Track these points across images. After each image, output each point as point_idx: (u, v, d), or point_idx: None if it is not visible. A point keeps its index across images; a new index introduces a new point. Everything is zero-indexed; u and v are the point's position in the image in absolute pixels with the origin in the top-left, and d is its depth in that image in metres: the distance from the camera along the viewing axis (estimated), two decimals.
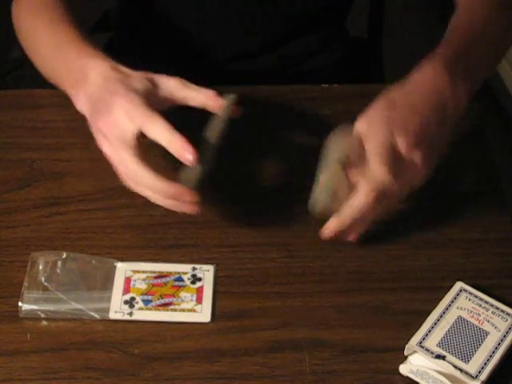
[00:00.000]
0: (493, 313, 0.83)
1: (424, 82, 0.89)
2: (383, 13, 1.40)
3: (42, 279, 0.86)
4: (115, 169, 0.87)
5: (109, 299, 0.85)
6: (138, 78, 0.88)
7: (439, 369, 0.79)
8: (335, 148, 0.85)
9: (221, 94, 0.89)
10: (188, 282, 0.87)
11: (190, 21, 1.17)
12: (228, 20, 1.17)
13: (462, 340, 0.81)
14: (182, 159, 0.83)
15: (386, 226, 0.93)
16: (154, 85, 0.88)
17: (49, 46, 0.98)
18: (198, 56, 1.21)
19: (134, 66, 0.91)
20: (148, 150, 0.85)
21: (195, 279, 0.87)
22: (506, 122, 2.06)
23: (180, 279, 0.87)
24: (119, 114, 0.84)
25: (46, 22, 0.99)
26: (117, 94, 0.86)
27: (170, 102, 0.89)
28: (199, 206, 0.85)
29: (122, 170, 0.86)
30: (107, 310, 0.85)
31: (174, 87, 0.89)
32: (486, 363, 0.80)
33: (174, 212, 0.93)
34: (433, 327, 0.82)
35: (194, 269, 0.88)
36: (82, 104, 0.90)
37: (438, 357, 0.80)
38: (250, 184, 0.97)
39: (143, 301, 0.86)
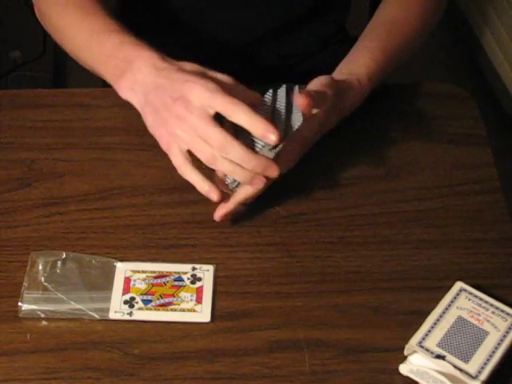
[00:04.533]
0: (493, 313, 0.83)
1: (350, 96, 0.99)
2: None
3: (42, 279, 0.86)
4: (170, 150, 0.88)
5: (109, 299, 0.85)
6: (190, 67, 0.91)
7: (439, 369, 0.79)
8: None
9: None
10: (188, 282, 0.87)
11: (190, 19, 1.17)
12: (227, 18, 1.17)
13: (462, 340, 0.81)
14: (266, 140, 0.85)
15: (385, 226, 0.93)
16: (210, 74, 0.91)
17: (85, 35, 0.99)
18: (198, 55, 1.21)
19: None
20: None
21: (195, 279, 0.87)
22: (506, 121, 2.06)
23: (180, 279, 0.87)
24: (197, 98, 0.86)
25: (80, 12, 1.01)
26: (187, 80, 0.87)
27: None
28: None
29: (196, 145, 0.86)
30: (107, 310, 0.85)
31: (228, 82, 0.91)
32: (485, 363, 0.80)
33: (174, 212, 0.93)
34: (433, 327, 0.82)
35: (193, 269, 0.88)
36: (126, 91, 0.93)
37: (438, 357, 0.80)
38: None
39: (143, 301, 0.86)
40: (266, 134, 0.84)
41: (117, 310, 0.85)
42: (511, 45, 2.08)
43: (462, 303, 0.84)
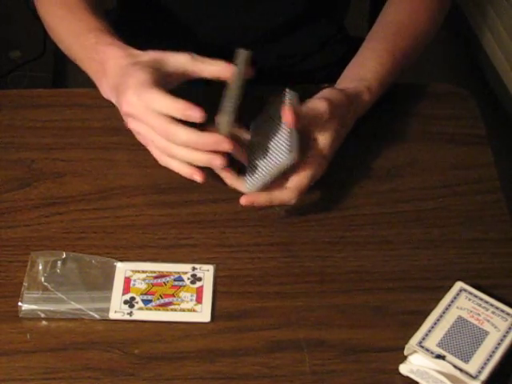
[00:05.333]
0: (493, 313, 0.83)
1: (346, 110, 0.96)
2: None
3: (42, 279, 0.86)
4: (148, 146, 0.91)
5: (109, 299, 0.85)
6: (147, 57, 0.92)
7: (439, 369, 0.79)
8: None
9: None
10: (188, 282, 0.87)
11: (189, 20, 1.17)
12: (227, 18, 1.17)
13: (462, 340, 0.81)
14: (190, 119, 0.86)
15: (385, 226, 0.93)
16: (164, 62, 0.92)
17: (71, 35, 1.02)
18: (199, 54, 1.21)
19: None
20: None
21: (195, 279, 0.87)
22: (505, 121, 2.06)
23: (180, 279, 0.87)
24: (130, 94, 0.88)
25: (70, 11, 1.03)
26: (128, 75, 0.90)
27: (181, 77, 0.93)
28: (226, 159, 0.88)
29: (154, 140, 0.89)
30: (107, 310, 0.85)
31: (186, 61, 0.92)
32: (485, 363, 0.80)
33: (174, 212, 0.93)
34: (433, 327, 0.82)
35: (193, 269, 0.88)
36: (106, 93, 0.96)
37: (438, 357, 0.80)
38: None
39: (143, 301, 0.86)
40: (187, 112, 0.86)
41: (117, 309, 0.85)
42: (511, 45, 2.08)
43: (462, 303, 0.84)
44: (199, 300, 0.86)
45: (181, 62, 0.92)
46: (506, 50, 2.10)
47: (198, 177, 0.89)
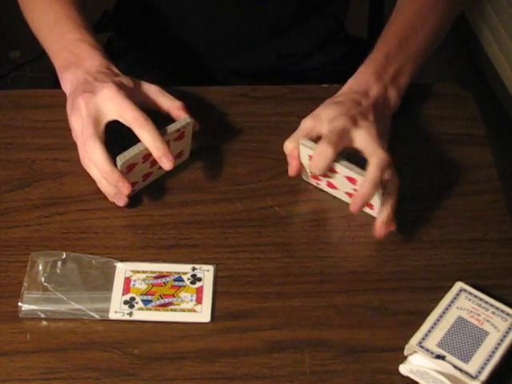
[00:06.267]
0: (493, 313, 0.83)
1: (357, 88, 0.96)
2: (383, 13, 1.40)
3: (42, 279, 0.86)
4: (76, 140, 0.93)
5: (109, 299, 0.85)
6: (125, 79, 0.95)
7: (439, 369, 0.79)
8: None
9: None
10: (188, 282, 0.87)
11: (189, 20, 1.17)
12: (226, 17, 1.17)
13: (462, 340, 0.81)
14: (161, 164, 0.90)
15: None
16: (137, 87, 0.95)
17: (49, 24, 1.03)
18: (197, 54, 1.21)
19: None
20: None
21: (195, 279, 0.87)
22: (506, 121, 2.06)
23: (180, 279, 0.87)
24: (102, 98, 0.90)
25: (51, 1, 1.04)
26: (106, 83, 0.91)
27: (146, 104, 0.95)
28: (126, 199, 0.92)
29: (81, 145, 0.92)
30: (107, 310, 0.85)
31: (153, 91, 0.96)
32: (485, 363, 0.80)
33: (174, 212, 0.93)
34: (433, 327, 0.82)
35: (193, 269, 0.88)
36: (66, 83, 0.97)
37: (438, 357, 0.80)
38: (250, 183, 0.97)
39: (143, 301, 0.86)
40: (162, 158, 0.89)
41: (117, 310, 0.85)
42: (511, 45, 2.08)
43: (462, 303, 0.84)
44: (199, 300, 0.86)
45: (150, 90, 0.96)
46: (506, 50, 2.10)
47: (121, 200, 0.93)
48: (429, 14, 1.05)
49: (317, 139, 0.91)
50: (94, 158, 0.90)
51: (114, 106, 0.90)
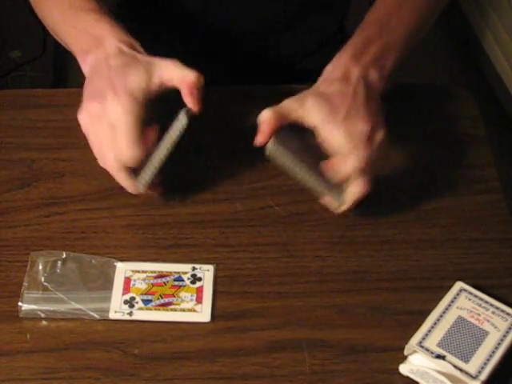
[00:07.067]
0: (493, 313, 0.83)
1: (336, 74, 0.93)
2: None
3: (42, 279, 0.86)
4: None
5: (109, 299, 0.85)
6: (141, 70, 0.89)
7: (439, 369, 0.79)
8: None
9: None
10: (188, 282, 0.87)
11: (188, 19, 1.17)
12: (226, 15, 1.17)
13: (462, 340, 0.81)
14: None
15: (385, 227, 0.93)
16: (153, 72, 0.89)
17: (64, 9, 0.98)
18: (196, 54, 1.21)
19: None
20: None
21: (195, 279, 0.87)
22: (506, 122, 2.06)
23: (180, 279, 0.87)
24: (108, 118, 0.87)
25: None
26: (115, 90, 0.87)
27: (164, 86, 0.90)
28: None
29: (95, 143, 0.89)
30: (107, 310, 0.85)
31: (166, 68, 0.90)
32: (485, 363, 0.80)
33: (174, 212, 0.93)
34: (433, 327, 0.82)
35: (193, 268, 0.88)
36: (87, 67, 0.93)
37: (438, 357, 0.80)
38: (250, 183, 0.97)
39: (143, 301, 0.86)
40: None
41: (117, 309, 0.85)
42: (511, 45, 2.08)
43: (462, 303, 0.84)
44: (199, 300, 0.86)
45: (164, 67, 0.90)
46: (506, 50, 2.10)
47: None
48: (411, 2, 1.04)
49: (294, 120, 0.90)
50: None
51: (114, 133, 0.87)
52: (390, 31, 0.98)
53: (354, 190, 0.88)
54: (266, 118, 0.89)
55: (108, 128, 0.86)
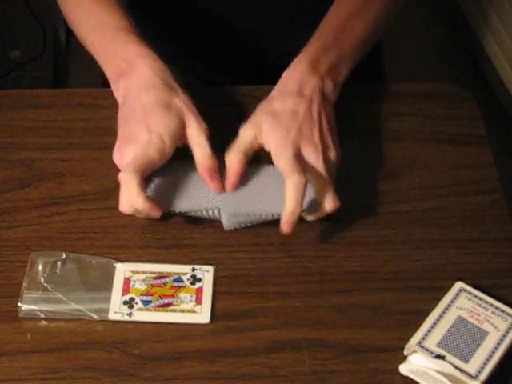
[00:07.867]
0: (493, 313, 0.83)
1: (291, 87, 0.95)
2: None
3: (42, 279, 0.86)
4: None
5: (108, 300, 0.85)
6: (175, 113, 0.92)
7: (439, 369, 0.79)
8: None
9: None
10: (187, 283, 0.87)
11: (188, 19, 1.17)
12: (226, 15, 1.17)
13: (462, 340, 0.81)
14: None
15: (385, 226, 0.93)
16: (185, 122, 0.92)
17: (94, 28, 1.00)
18: (195, 54, 1.21)
19: None
20: None
21: (195, 280, 0.87)
22: (506, 121, 2.07)
23: (179, 280, 0.87)
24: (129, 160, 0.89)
25: (93, 3, 1.01)
26: (144, 131, 0.90)
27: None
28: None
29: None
30: (106, 311, 0.85)
31: (192, 127, 0.93)
32: (485, 363, 0.80)
33: (174, 212, 0.93)
34: (432, 327, 0.82)
35: (193, 269, 0.88)
36: (119, 96, 0.95)
37: (438, 357, 0.80)
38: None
39: (142, 301, 0.86)
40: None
41: (116, 310, 0.85)
42: (511, 45, 2.08)
43: (461, 303, 0.84)
44: (199, 301, 0.86)
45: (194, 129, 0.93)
46: (506, 50, 2.10)
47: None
48: (367, 7, 1.04)
49: (258, 149, 0.92)
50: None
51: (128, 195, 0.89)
52: (346, 40, 1.00)
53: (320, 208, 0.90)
54: (232, 164, 0.91)
55: None
